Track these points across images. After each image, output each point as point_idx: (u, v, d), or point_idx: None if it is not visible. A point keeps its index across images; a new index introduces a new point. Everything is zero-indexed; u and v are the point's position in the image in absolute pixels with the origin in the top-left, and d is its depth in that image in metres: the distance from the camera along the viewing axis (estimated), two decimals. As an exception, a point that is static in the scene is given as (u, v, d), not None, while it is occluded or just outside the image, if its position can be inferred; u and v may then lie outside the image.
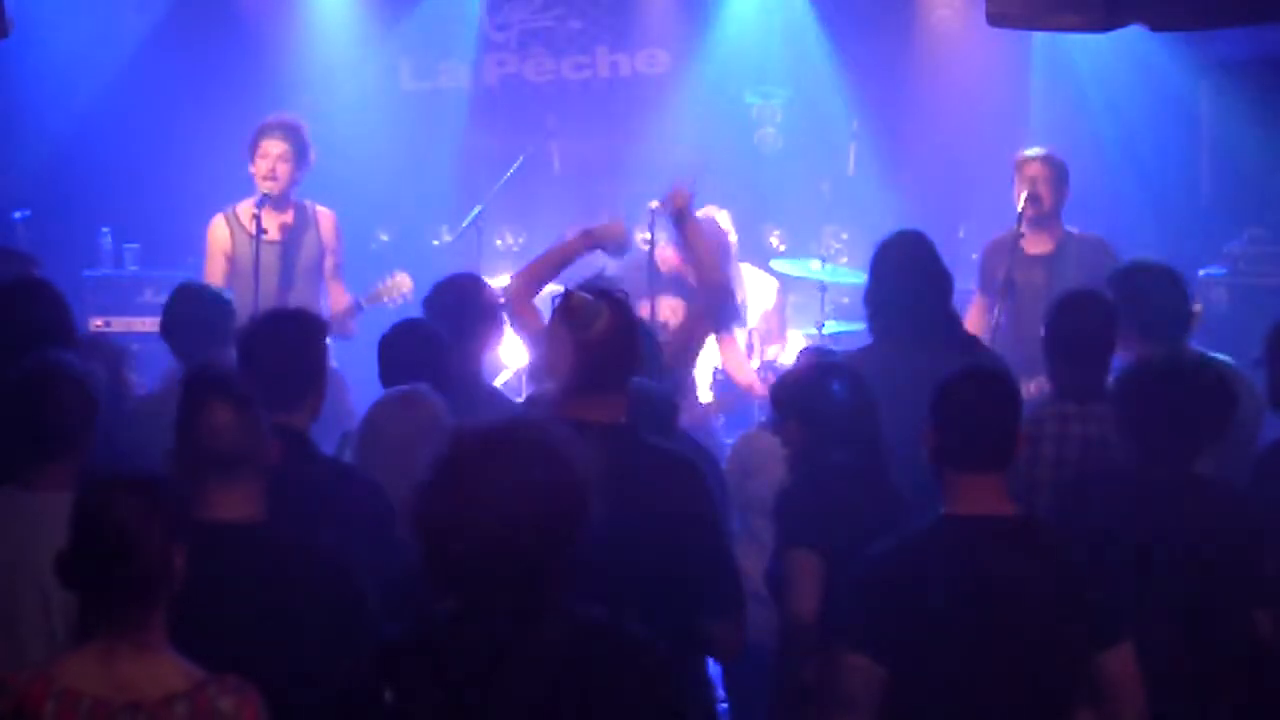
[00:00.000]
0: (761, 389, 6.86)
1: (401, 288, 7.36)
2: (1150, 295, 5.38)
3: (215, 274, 7.33)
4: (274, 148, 7.33)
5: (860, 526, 4.15)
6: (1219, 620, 4.18)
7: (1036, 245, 7.17)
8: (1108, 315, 5.09)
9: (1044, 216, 7.15)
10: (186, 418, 3.60)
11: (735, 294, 7.26)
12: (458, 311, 5.49)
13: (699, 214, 8.13)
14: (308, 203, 7.55)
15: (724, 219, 7.79)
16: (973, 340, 5.78)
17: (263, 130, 7.36)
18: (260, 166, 7.33)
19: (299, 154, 7.37)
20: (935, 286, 5.51)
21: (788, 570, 4.42)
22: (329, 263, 7.51)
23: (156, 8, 9.83)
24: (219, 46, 9.74)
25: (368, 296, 7.38)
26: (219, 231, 7.39)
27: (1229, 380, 4.40)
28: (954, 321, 5.65)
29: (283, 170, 7.33)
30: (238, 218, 7.38)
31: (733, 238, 8.32)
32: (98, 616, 3.07)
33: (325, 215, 7.54)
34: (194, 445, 3.57)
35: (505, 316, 5.74)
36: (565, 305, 3.89)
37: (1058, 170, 7.20)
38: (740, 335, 8.09)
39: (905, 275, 5.48)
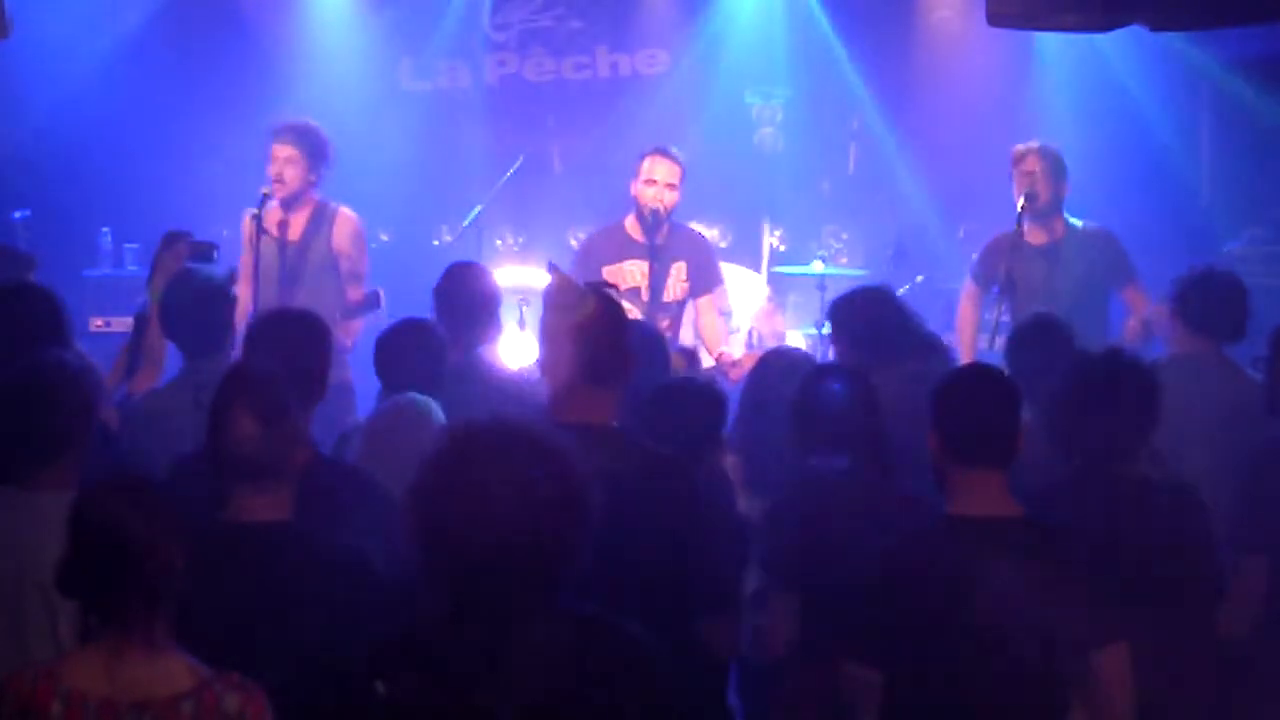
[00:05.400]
0: (729, 359, 6.96)
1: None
2: (1203, 297, 5.58)
3: (245, 271, 7.24)
4: (281, 151, 7.32)
5: (852, 540, 4.11)
6: (1181, 618, 4.22)
7: (1037, 238, 7.17)
8: (1061, 342, 5.24)
9: (1043, 210, 7.14)
10: (214, 421, 3.61)
11: (714, 259, 7.58)
12: (469, 298, 5.64)
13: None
14: (331, 204, 7.45)
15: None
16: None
17: (273, 134, 7.37)
18: (271, 169, 7.34)
19: (310, 156, 7.35)
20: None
21: (770, 609, 4.38)
22: (343, 267, 7.40)
23: (157, 8, 9.83)
24: (219, 46, 9.75)
25: (344, 310, 7.30)
26: (245, 229, 7.37)
27: (1148, 374, 4.40)
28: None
29: (290, 174, 7.30)
30: (260, 216, 7.35)
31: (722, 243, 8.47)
32: (102, 620, 3.07)
33: (344, 219, 7.42)
34: (219, 451, 3.58)
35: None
36: (551, 285, 3.91)
37: (1053, 163, 7.18)
38: (740, 337, 8.12)
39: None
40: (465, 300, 5.69)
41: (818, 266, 8.40)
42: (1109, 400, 4.27)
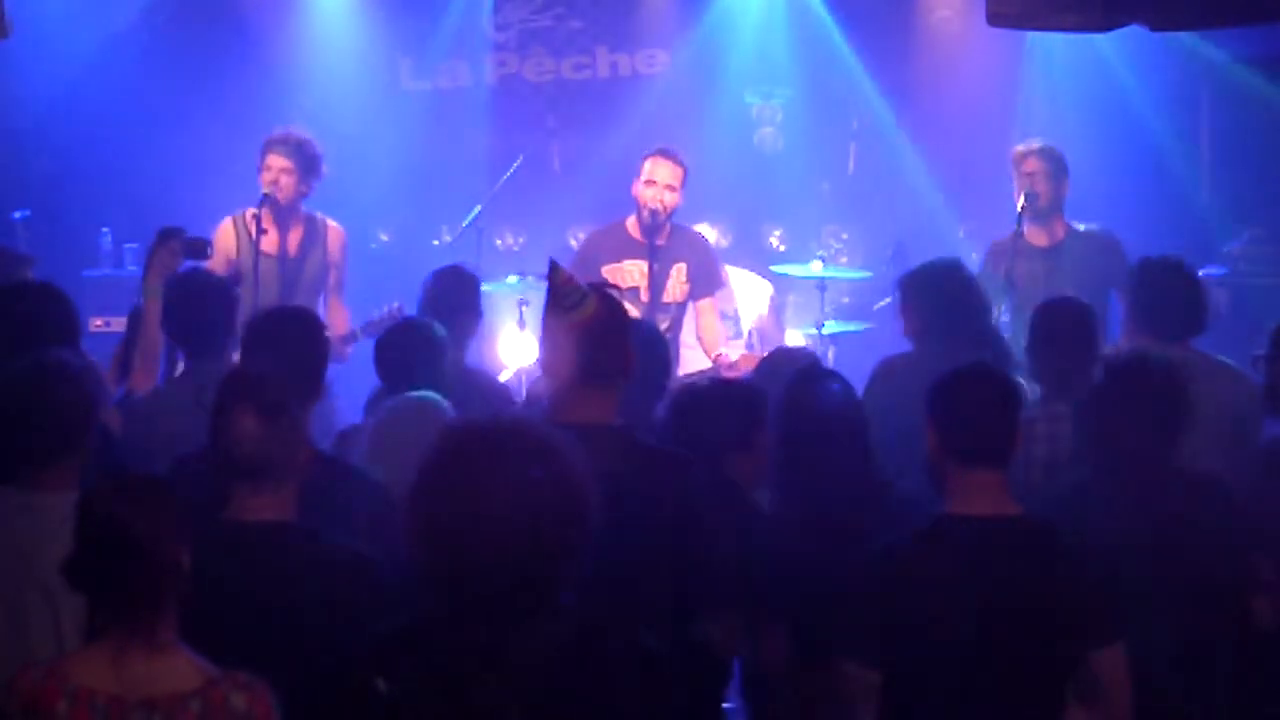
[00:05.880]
0: (726, 361, 6.97)
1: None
2: (1162, 292, 5.44)
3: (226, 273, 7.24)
4: (276, 161, 7.31)
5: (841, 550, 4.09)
6: (1213, 613, 4.22)
7: (1038, 239, 7.18)
8: (1084, 316, 5.22)
9: (1044, 210, 7.14)
10: (215, 421, 3.61)
11: (716, 263, 7.60)
12: (449, 298, 5.91)
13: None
14: (319, 216, 7.46)
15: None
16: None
17: (268, 143, 7.35)
18: (264, 178, 7.33)
19: (303, 168, 7.33)
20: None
21: (760, 637, 4.35)
22: (332, 278, 7.43)
23: (157, 8, 9.83)
24: (220, 46, 9.75)
25: (364, 326, 7.27)
26: (224, 236, 7.32)
27: (1176, 373, 4.39)
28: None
29: (285, 183, 7.29)
30: (245, 222, 7.31)
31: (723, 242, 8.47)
32: (108, 618, 3.07)
33: (335, 231, 7.47)
34: (221, 451, 3.59)
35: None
36: (550, 284, 3.91)
37: (1054, 164, 7.17)
38: (739, 340, 8.12)
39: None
40: (442, 304, 5.90)
41: (817, 266, 8.40)
42: (1139, 400, 4.25)
